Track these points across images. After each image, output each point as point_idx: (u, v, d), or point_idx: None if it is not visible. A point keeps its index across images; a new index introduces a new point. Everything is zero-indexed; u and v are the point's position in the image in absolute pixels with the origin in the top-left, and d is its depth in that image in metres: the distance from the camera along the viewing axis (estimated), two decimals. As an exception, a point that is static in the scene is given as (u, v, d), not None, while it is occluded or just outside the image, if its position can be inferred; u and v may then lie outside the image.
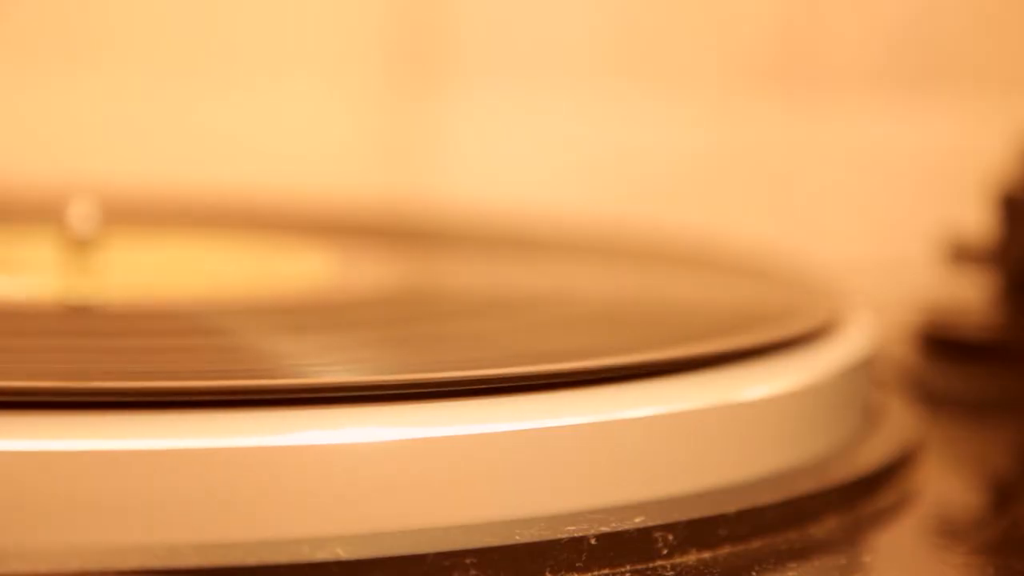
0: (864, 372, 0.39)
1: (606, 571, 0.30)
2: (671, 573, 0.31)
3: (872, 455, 0.37)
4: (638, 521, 0.31)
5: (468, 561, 0.29)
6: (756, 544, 0.32)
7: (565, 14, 0.73)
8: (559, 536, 0.30)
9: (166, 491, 0.28)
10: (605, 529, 0.30)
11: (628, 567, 0.30)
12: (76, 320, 0.41)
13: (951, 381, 0.50)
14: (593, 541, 0.30)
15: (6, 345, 0.35)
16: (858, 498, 0.35)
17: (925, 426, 0.41)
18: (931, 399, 0.46)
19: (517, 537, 0.30)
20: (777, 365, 0.36)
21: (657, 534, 0.31)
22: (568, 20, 0.73)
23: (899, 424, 0.40)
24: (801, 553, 0.32)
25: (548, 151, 0.73)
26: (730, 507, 0.32)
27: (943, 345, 0.51)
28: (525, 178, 0.73)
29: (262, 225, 0.56)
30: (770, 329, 0.37)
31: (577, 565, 0.30)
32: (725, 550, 0.32)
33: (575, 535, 0.30)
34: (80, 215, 0.46)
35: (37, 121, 0.72)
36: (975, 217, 0.52)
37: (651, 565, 0.31)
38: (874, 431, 0.39)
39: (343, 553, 0.28)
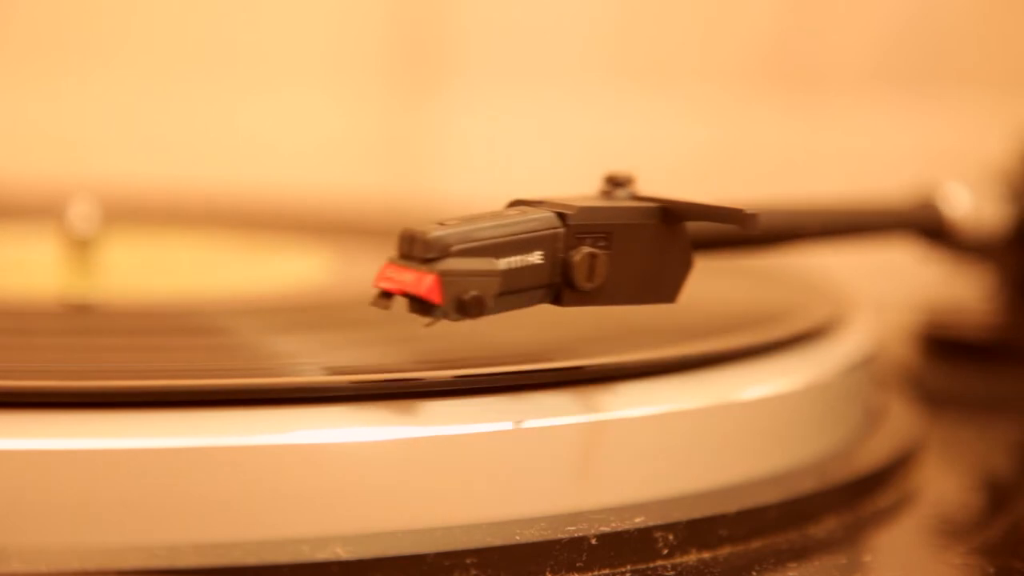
0: (864, 372, 0.39)
1: (606, 571, 0.30)
2: (671, 573, 0.31)
3: (872, 455, 0.37)
4: (638, 521, 0.31)
5: (468, 561, 0.29)
6: (756, 544, 0.32)
7: (565, 14, 0.73)
8: (559, 536, 0.30)
9: (166, 491, 0.28)
10: (605, 529, 0.30)
11: (628, 567, 0.30)
12: (76, 320, 0.41)
13: (951, 381, 0.50)
14: (593, 541, 0.30)
15: (6, 345, 0.35)
16: (858, 498, 0.35)
17: (925, 426, 0.41)
18: (931, 399, 0.45)
19: (517, 537, 0.30)
20: (777, 365, 0.36)
21: (657, 534, 0.31)
22: (568, 20, 0.73)
23: (899, 424, 0.40)
24: (801, 553, 0.32)
25: (548, 151, 0.73)
26: (730, 507, 0.32)
27: (943, 345, 0.51)
28: (525, 177, 0.73)
29: (262, 224, 0.56)
30: (770, 329, 0.37)
31: (577, 565, 0.30)
32: (725, 550, 0.32)
33: (575, 535, 0.30)
34: (80, 215, 0.46)
35: (37, 121, 0.72)
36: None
37: (651, 565, 0.31)
38: (874, 431, 0.39)
39: (343, 553, 0.28)
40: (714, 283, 0.46)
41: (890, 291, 0.52)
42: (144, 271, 0.48)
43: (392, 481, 0.29)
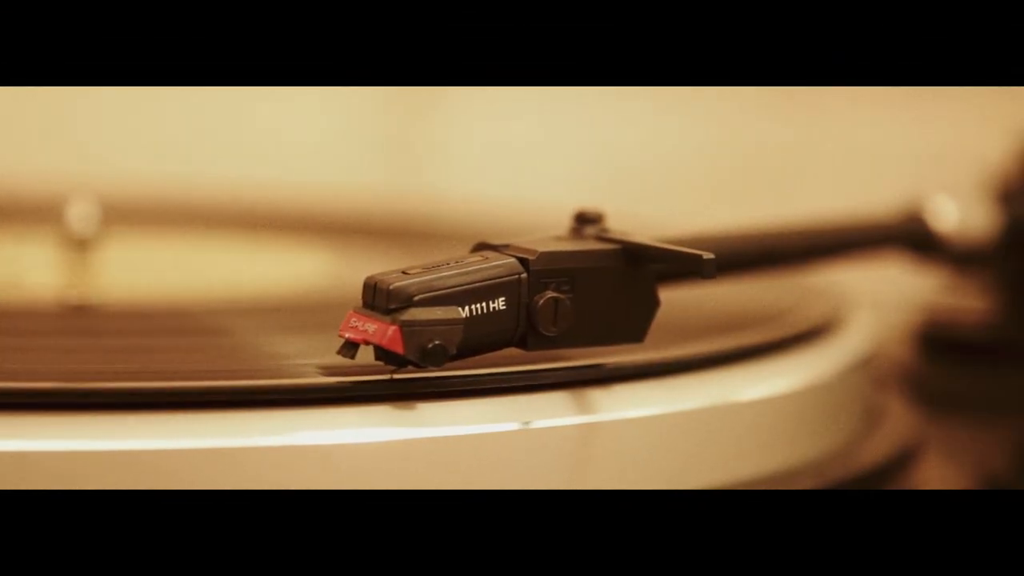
0: (864, 372, 0.39)
1: (606, 571, 0.30)
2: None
3: (871, 455, 0.37)
4: (638, 521, 0.31)
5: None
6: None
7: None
8: (559, 536, 0.30)
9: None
10: (605, 529, 0.30)
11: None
12: (76, 320, 0.41)
13: (951, 381, 0.50)
14: (593, 541, 0.30)
15: (6, 345, 0.35)
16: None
17: (925, 426, 0.41)
18: (931, 399, 0.45)
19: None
20: (777, 365, 0.36)
21: (657, 534, 0.31)
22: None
23: (898, 424, 0.40)
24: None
25: (548, 150, 0.73)
26: (730, 507, 0.32)
27: (943, 345, 0.51)
28: (525, 177, 0.73)
29: (262, 225, 0.56)
30: (770, 329, 0.37)
31: (577, 565, 0.30)
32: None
33: (575, 535, 0.30)
34: (80, 215, 0.46)
35: (37, 121, 0.72)
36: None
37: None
38: (873, 431, 0.39)
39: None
40: (713, 282, 0.46)
41: (889, 291, 0.52)
42: (144, 271, 0.48)
43: (391, 481, 0.29)
